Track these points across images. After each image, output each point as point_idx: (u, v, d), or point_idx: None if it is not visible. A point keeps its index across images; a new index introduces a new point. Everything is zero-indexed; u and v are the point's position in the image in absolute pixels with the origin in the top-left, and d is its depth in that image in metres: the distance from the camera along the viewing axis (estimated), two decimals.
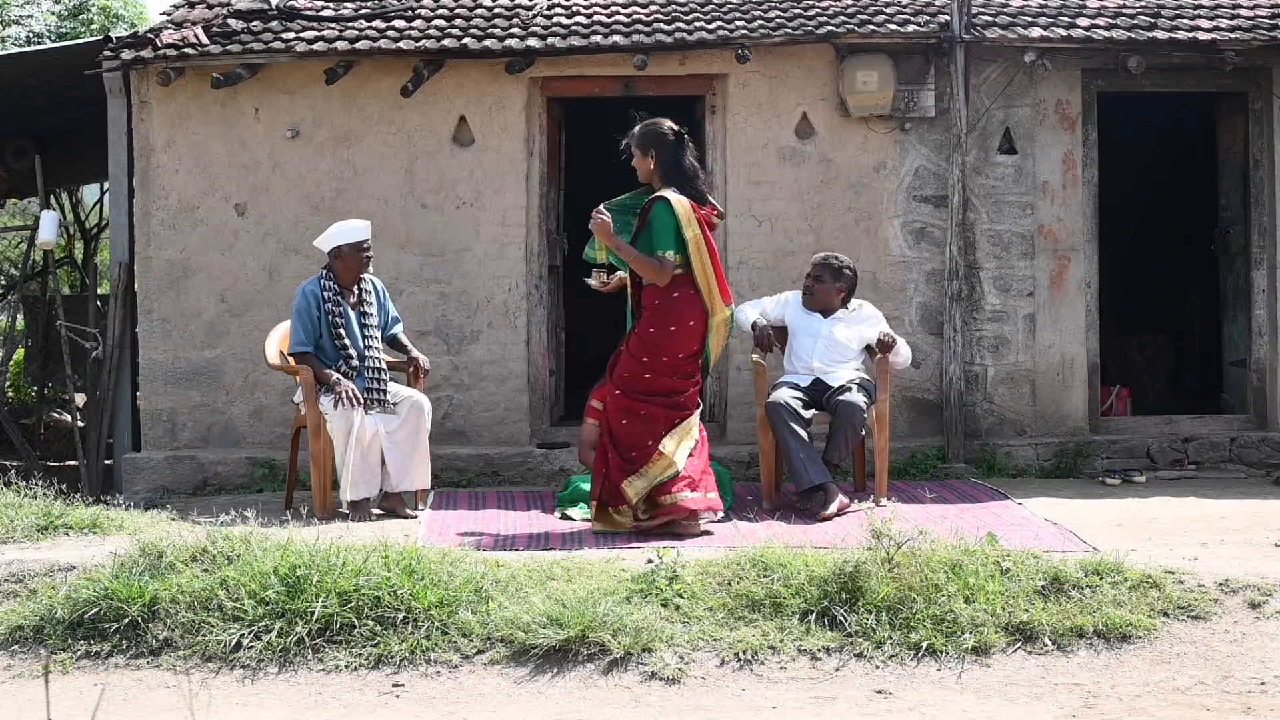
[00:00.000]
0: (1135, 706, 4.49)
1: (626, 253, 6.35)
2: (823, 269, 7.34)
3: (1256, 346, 8.80)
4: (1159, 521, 6.63)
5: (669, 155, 6.37)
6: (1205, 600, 5.15)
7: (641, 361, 6.35)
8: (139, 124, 8.47)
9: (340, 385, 6.72)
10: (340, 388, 6.71)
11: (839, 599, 5.02)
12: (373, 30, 8.50)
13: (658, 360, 6.34)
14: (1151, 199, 11.68)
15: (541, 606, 4.96)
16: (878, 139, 8.54)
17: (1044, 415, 8.59)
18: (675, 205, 6.25)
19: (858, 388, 7.07)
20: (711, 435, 8.52)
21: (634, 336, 6.42)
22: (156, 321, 8.49)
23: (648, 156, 6.41)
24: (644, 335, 6.36)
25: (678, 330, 6.32)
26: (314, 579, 4.96)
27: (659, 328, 6.33)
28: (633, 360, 6.37)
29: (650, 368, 6.35)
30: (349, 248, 6.98)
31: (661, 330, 6.33)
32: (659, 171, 6.39)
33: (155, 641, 4.90)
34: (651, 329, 6.34)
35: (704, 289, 6.32)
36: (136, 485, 8.20)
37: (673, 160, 6.38)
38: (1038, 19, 8.54)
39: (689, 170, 6.40)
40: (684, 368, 6.41)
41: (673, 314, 6.31)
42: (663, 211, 6.28)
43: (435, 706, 4.53)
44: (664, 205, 6.28)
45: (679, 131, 6.41)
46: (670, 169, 6.38)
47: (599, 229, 6.37)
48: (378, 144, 8.51)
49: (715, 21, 8.57)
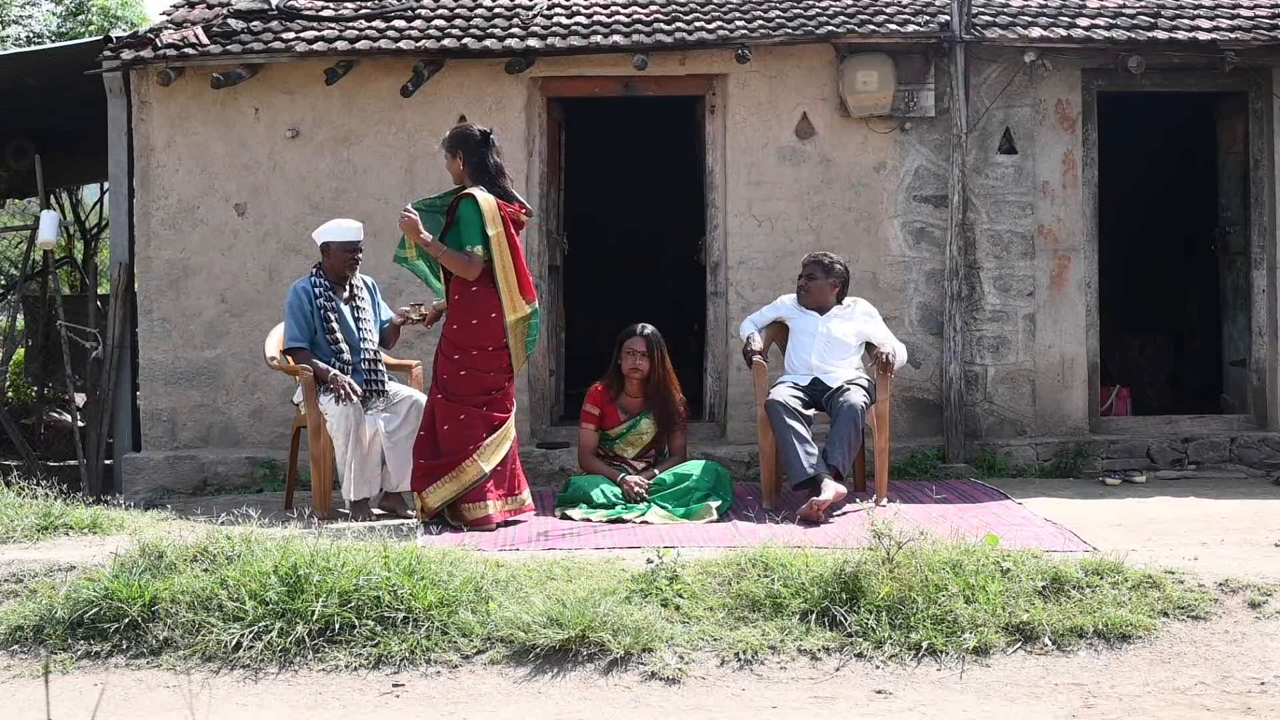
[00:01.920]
0: (1135, 706, 4.49)
1: (435, 248, 6.52)
2: (814, 266, 7.36)
3: (1256, 346, 8.80)
4: (1159, 521, 6.63)
5: (476, 156, 6.59)
6: (1205, 600, 5.14)
7: (454, 359, 6.55)
8: (139, 124, 8.47)
9: (337, 381, 6.73)
10: (338, 384, 6.72)
11: (839, 599, 5.02)
12: (373, 30, 8.50)
13: (468, 355, 6.53)
14: (1151, 199, 11.69)
15: (541, 606, 4.96)
16: (878, 139, 8.54)
17: (1044, 415, 8.59)
18: (481, 202, 6.47)
19: (857, 388, 7.07)
20: (712, 435, 8.58)
21: (443, 336, 6.66)
22: (156, 321, 8.49)
23: (456, 158, 6.65)
24: (449, 332, 6.60)
25: (479, 324, 6.52)
26: (314, 579, 4.96)
27: (461, 322, 6.55)
28: (446, 360, 6.59)
29: (463, 364, 6.53)
30: (337, 246, 7.02)
31: (464, 324, 6.54)
32: (468, 171, 6.62)
33: (155, 641, 4.90)
34: (455, 325, 6.58)
35: (503, 285, 6.50)
36: (136, 485, 8.20)
37: (479, 160, 6.59)
38: (1038, 19, 8.54)
39: (494, 169, 6.61)
40: (496, 361, 6.57)
41: (473, 308, 6.52)
42: (469, 208, 6.49)
43: (435, 706, 4.53)
44: (470, 202, 6.50)
45: (486, 133, 6.64)
46: (477, 169, 6.60)
47: (406, 226, 6.55)
48: (378, 144, 8.51)
49: (715, 21, 8.57)
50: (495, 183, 6.59)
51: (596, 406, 7.19)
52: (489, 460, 6.51)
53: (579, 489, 6.97)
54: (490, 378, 6.56)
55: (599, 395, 7.21)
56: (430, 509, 6.51)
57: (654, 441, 7.23)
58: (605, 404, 7.20)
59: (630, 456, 7.20)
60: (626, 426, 7.19)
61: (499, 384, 6.59)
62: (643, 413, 7.20)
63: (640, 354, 7.11)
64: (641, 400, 7.20)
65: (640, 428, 7.19)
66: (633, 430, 7.19)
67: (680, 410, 7.25)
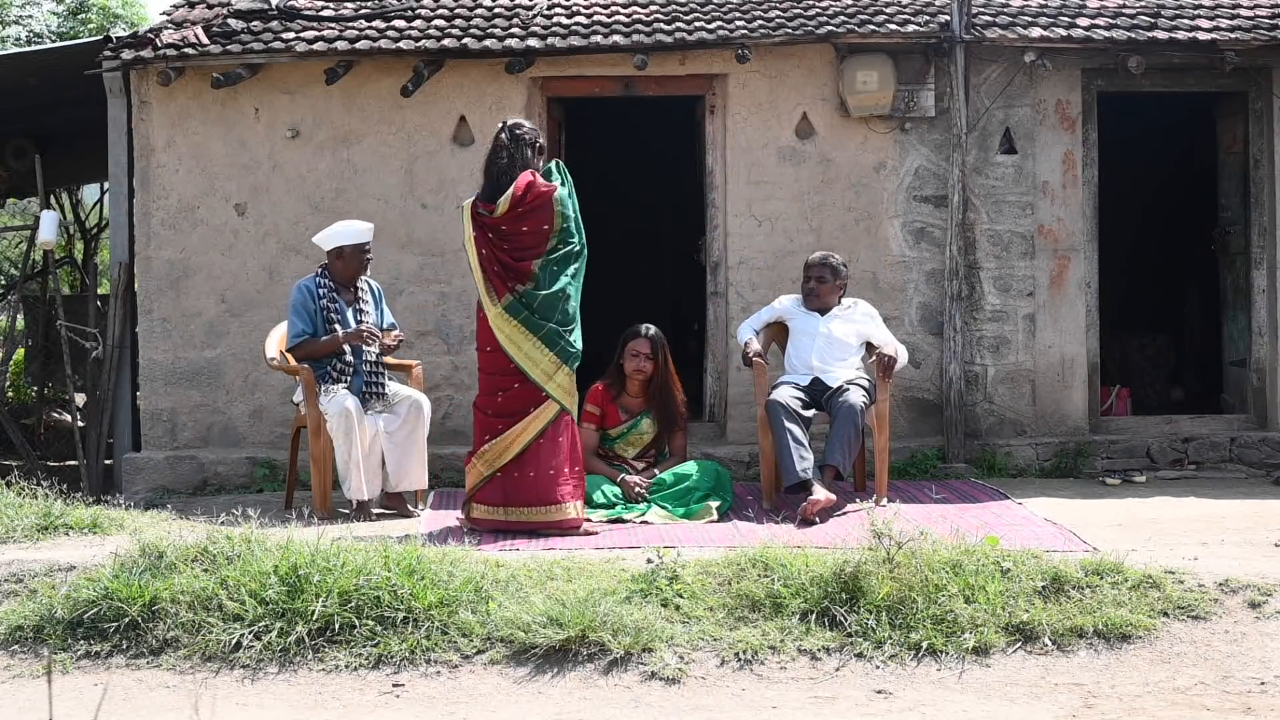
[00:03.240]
0: (1135, 706, 4.49)
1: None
2: (823, 269, 7.36)
3: (1256, 346, 8.80)
4: (1159, 521, 6.63)
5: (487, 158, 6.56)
6: (1205, 600, 5.14)
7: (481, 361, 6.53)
8: (139, 124, 8.47)
9: (359, 334, 6.88)
10: (360, 336, 6.87)
11: (839, 599, 5.02)
12: (373, 30, 8.50)
13: (480, 356, 6.53)
14: (1151, 199, 11.69)
15: (541, 606, 4.96)
16: (878, 139, 8.54)
17: (1044, 415, 8.59)
18: (464, 210, 6.50)
19: (857, 388, 7.07)
20: (712, 435, 8.58)
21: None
22: (156, 321, 8.49)
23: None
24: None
25: (479, 324, 6.52)
26: (314, 579, 4.96)
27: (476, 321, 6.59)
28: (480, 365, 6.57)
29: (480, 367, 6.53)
30: (351, 249, 6.99)
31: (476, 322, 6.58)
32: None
33: (155, 641, 4.89)
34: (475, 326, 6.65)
35: (478, 284, 6.45)
36: (136, 485, 8.20)
37: (485, 163, 6.57)
38: (1038, 19, 8.54)
39: (490, 170, 6.51)
40: (493, 364, 6.44)
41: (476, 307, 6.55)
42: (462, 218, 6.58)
43: (435, 706, 4.53)
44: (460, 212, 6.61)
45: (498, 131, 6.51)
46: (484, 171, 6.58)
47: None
48: (378, 144, 8.51)
49: (715, 21, 8.57)
50: (488, 184, 6.49)
51: (597, 406, 7.19)
52: (489, 464, 6.42)
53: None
54: (495, 379, 6.43)
55: (600, 395, 7.20)
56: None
57: (654, 441, 7.23)
58: (606, 404, 7.19)
59: (630, 456, 7.20)
60: (627, 426, 7.19)
61: (504, 386, 6.40)
62: (643, 413, 7.20)
63: (645, 356, 7.11)
64: (643, 400, 7.20)
65: (641, 427, 7.19)
66: (633, 430, 7.19)
67: (681, 411, 7.25)
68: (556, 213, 6.38)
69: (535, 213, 6.37)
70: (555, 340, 6.34)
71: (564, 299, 6.38)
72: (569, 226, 6.43)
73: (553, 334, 6.34)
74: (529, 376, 6.33)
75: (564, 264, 6.42)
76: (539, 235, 6.38)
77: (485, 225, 6.41)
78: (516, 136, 6.46)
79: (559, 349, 6.35)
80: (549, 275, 6.37)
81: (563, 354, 6.36)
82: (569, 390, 6.41)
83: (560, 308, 6.37)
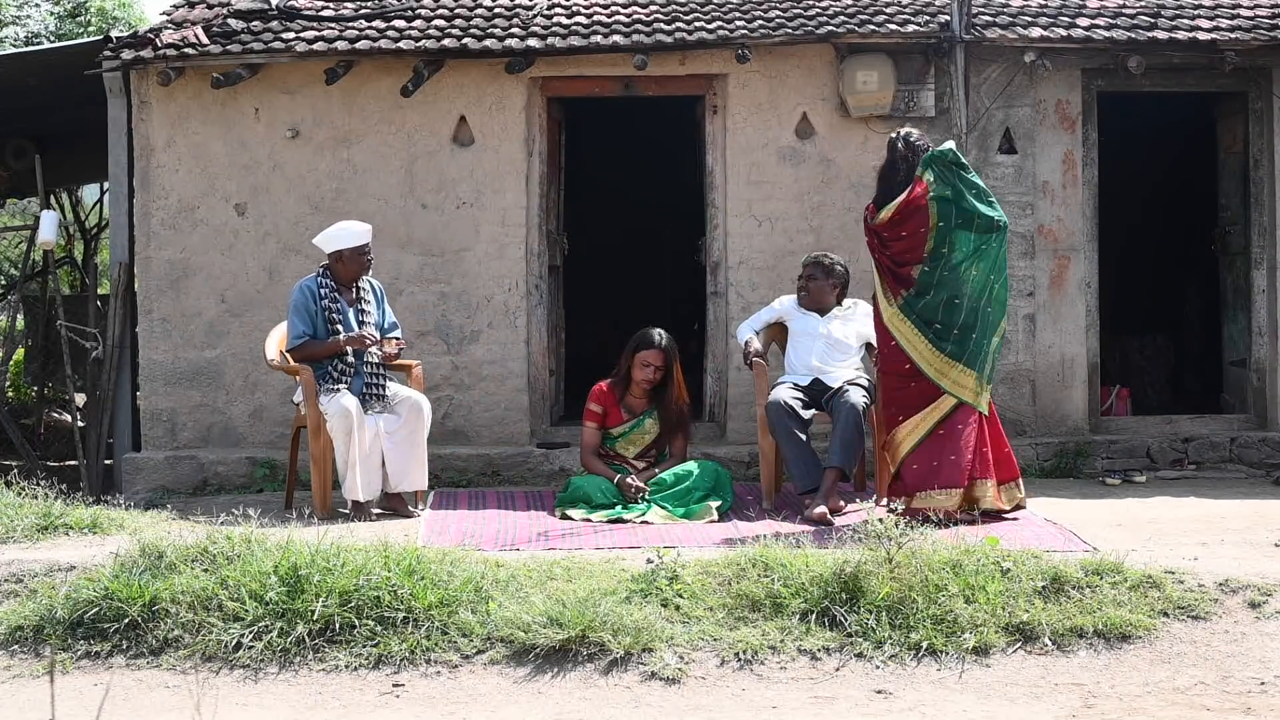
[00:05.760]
0: (1135, 706, 4.49)
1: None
2: (814, 267, 7.36)
3: (1256, 346, 8.80)
4: (1159, 521, 6.63)
5: None
6: (1205, 600, 5.14)
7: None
8: (139, 124, 8.47)
9: (361, 340, 6.87)
10: (361, 342, 6.87)
11: (839, 599, 5.02)
12: (373, 30, 8.50)
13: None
14: (1151, 199, 11.68)
15: (541, 606, 4.96)
16: (878, 139, 8.51)
17: (1044, 415, 8.59)
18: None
19: (857, 388, 7.06)
20: (712, 435, 8.58)
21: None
22: (156, 321, 8.49)
23: None
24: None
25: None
26: (314, 579, 4.96)
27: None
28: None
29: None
30: (350, 251, 6.99)
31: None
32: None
33: (156, 641, 4.90)
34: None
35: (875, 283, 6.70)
36: (136, 485, 8.20)
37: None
38: (1038, 19, 8.54)
39: (883, 178, 6.73)
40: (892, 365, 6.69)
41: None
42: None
43: (435, 706, 4.53)
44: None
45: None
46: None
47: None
48: (378, 144, 8.51)
49: (715, 21, 8.57)
50: (883, 189, 6.70)
51: (600, 406, 7.18)
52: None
53: (579, 489, 6.97)
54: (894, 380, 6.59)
55: (604, 395, 7.19)
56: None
57: (655, 441, 7.22)
58: (610, 404, 7.18)
59: (631, 456, 7.19)
60: (630, 426, 7.18)
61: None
62: (646, 412, 7.19)
63: (657, 367, 7.08)
64: (646, 401, 7.19)
65: (643, 427, 7.18)
66: (635, 429, 7.18)
67: (686, 415, 7.25)
68: (931, 213, 6.48)
69: (910, 219, 6.51)
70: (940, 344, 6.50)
71: (948, 306, 6.48)
72: (947, 225, 6.48)
73: (938, 337, 6.49)
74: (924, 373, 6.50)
75: (961, 263, 6.49)
76: (917, 239, 6.50)
77: (872, 230, 6.63)
78: (911, 145, 6.64)
79: (948, 352, 6.50)
80: (935, 281, 6.48)
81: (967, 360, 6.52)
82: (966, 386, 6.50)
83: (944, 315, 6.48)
